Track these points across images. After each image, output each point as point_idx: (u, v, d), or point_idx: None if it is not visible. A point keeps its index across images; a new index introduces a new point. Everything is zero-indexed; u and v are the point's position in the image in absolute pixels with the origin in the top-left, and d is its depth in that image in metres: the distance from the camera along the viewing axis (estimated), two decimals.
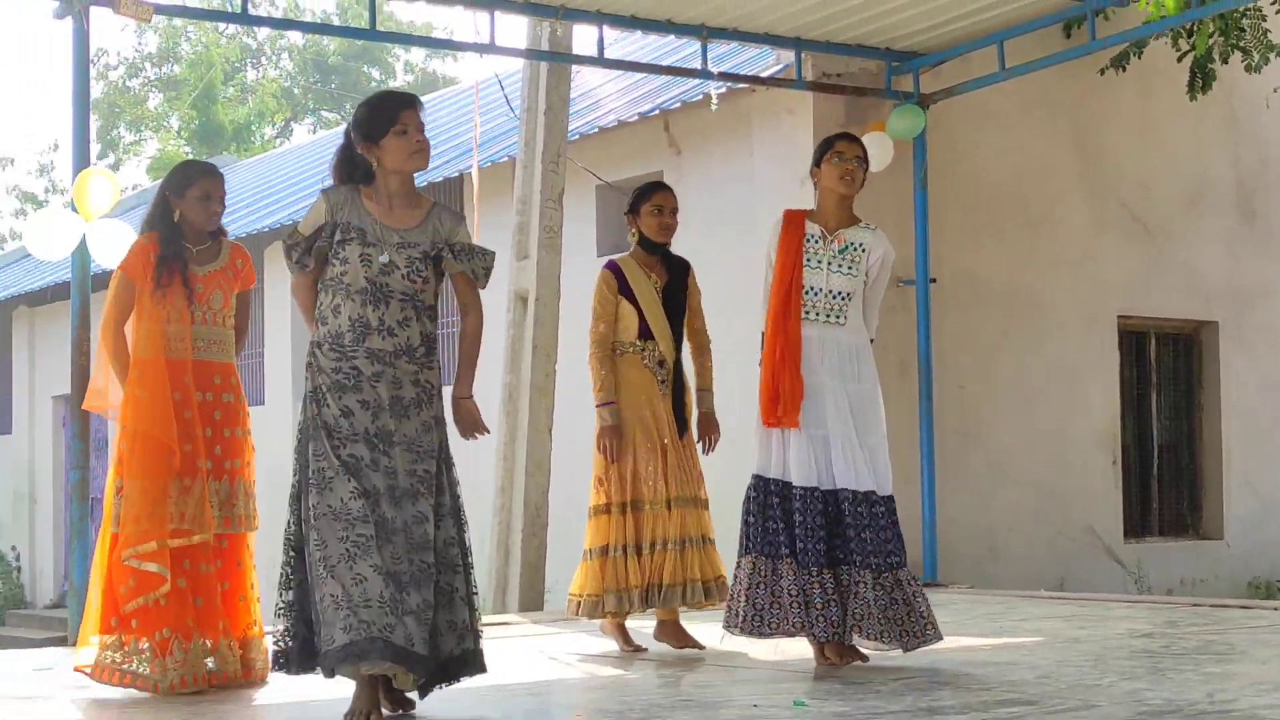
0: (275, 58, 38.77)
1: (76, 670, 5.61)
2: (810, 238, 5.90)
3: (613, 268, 6.64)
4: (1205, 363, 12.45)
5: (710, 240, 10.18)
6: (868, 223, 6.00)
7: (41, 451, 20.22)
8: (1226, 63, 11.20)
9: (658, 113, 11.61)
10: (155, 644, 5.46)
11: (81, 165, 7.36)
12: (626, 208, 6.76)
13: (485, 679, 4.99)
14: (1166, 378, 12.39)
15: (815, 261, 5.87)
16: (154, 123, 37.76)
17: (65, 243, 7.21)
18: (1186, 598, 10.57)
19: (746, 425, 6.10)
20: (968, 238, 10.96)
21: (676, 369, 6.65)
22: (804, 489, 5.71)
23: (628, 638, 6.65)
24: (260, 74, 38.72)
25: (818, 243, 5.89)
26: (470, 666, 4.84)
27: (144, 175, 35.80)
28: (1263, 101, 12.30)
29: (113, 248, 7.08)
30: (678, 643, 6.58)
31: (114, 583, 5.52)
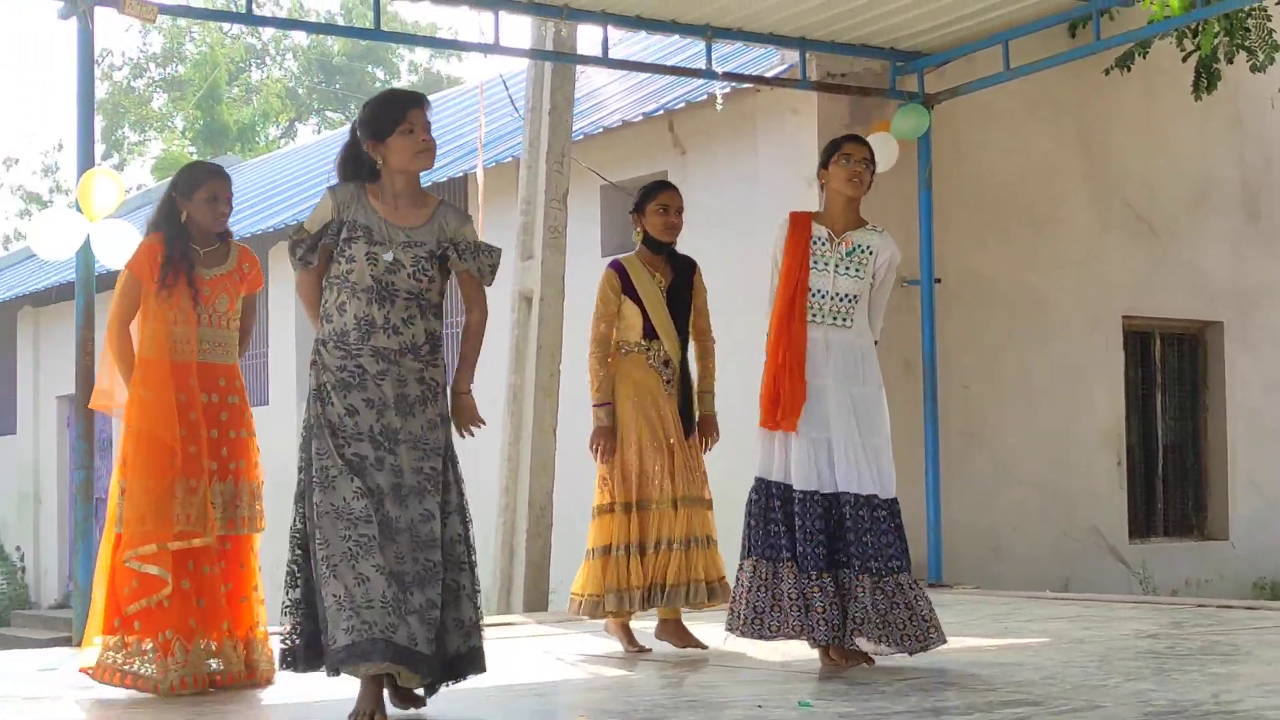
0: (280, 58, 38.81)
1: (80, 671, 5.61)
2: (817, 240, 5.88)
3: (616, 267, 6.63)
4: (1210, 363, 12.44)
5: (715, 240, 10.17)
6: (874, 225, 5.98)
7: (46, 451, 20.24)
8: (1231, 63, 11.19)
9: (662, 113, 11.60)
10: (158, 645, 5.46)
11: (86, 165, 7.36)
12: (632, 206, 6.75)
13: (490, 679, 5.00)
14: (1171, 378, 12.37)
15: (822, 264, 5.85)
16: (158, 123, 37.80)
17: (70, 243, 7.22)
18: (1191, 598, 10.55)
19: (746, 426, 6.09)
20: (972, 238, 10.95)
21: (683, 369, 6.63)
22: (804, 493, 5.71)
23: (632, 638, 6.64)
24: (265, 74, 38.75)
25: (825, 245, 5.88)
26: (475, 665, 4.84)
27: (148, 175, 35.83)
28: (1268, 101, 12.28)
29: (117, 248, 7.08)
30: (680, 642, 6.57)
31: (117, 584, 5.53)
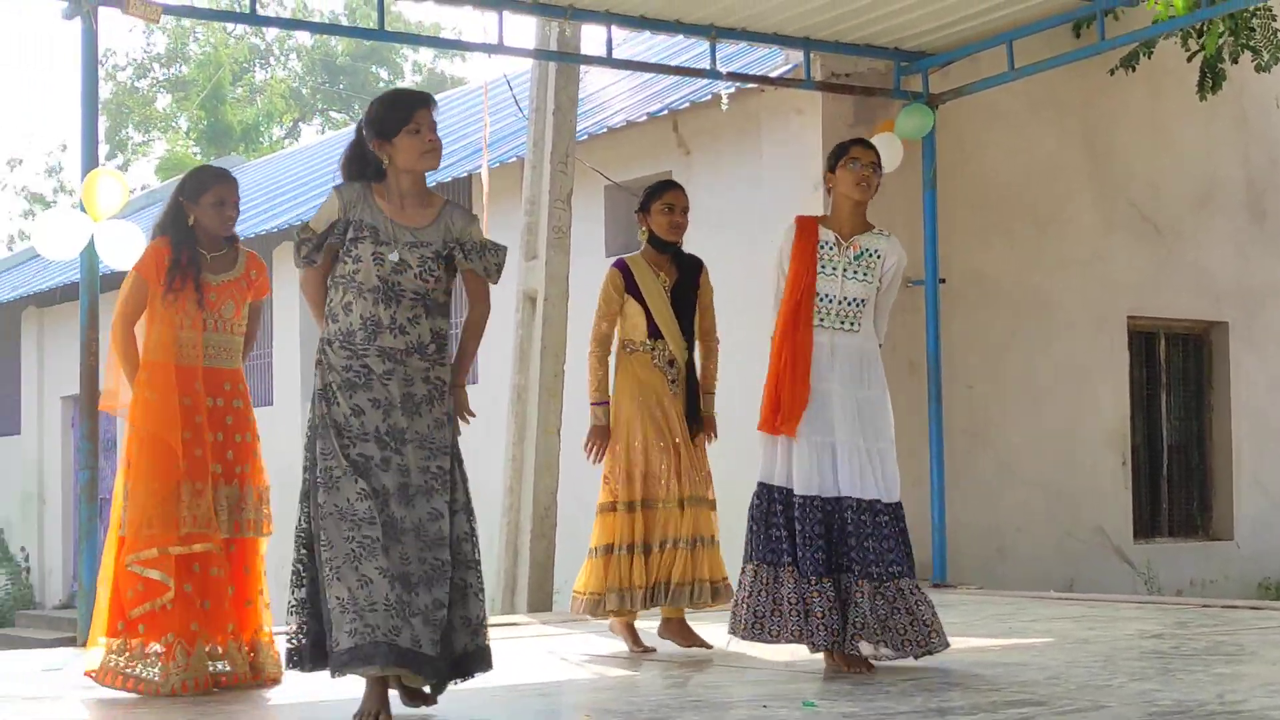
0: (283, 58, 38.83)
1: (85, 675, 5.61)
2: (825, 244, 5.87)
3: (620, 266, 6.63)
4: (1215, 363, 12.43)
5: (718, 240, 10.16)
6: (881, 229, 5.98)
7: (50, 452, 20.25)
8: (1236, 62, 11.18)
9: (666, 113, 11.60)
10: (162, 648, 5.46)
11: (90, 166, 7.36)
12: (638, 206, 6.75)
13: (494, 679, 5.00)
14: (1176, 378, 12.37)
15: (831, 268, 5.84)
16: (162, 123, 37.82)
17: (74, 243, 7.22)
18: (1196, 598, 10.54)
19: (747, 426, 6.09)
20: (976, 238, 10.94)
21: (689, 369, 6.62)
22: (804, 498, 5.70)
23: (637, 638, 6.64)
24: (268, 74, 38.77)
25: (833, 249, 5.87)
26: (483, 662, 4.84)
27: (152, 176, 35.84)
28: (1273, 101, 12.28)
29: (121, 248, 7.08)
30: (684, 641, 6.57)
31: (121, 587, 5.53)
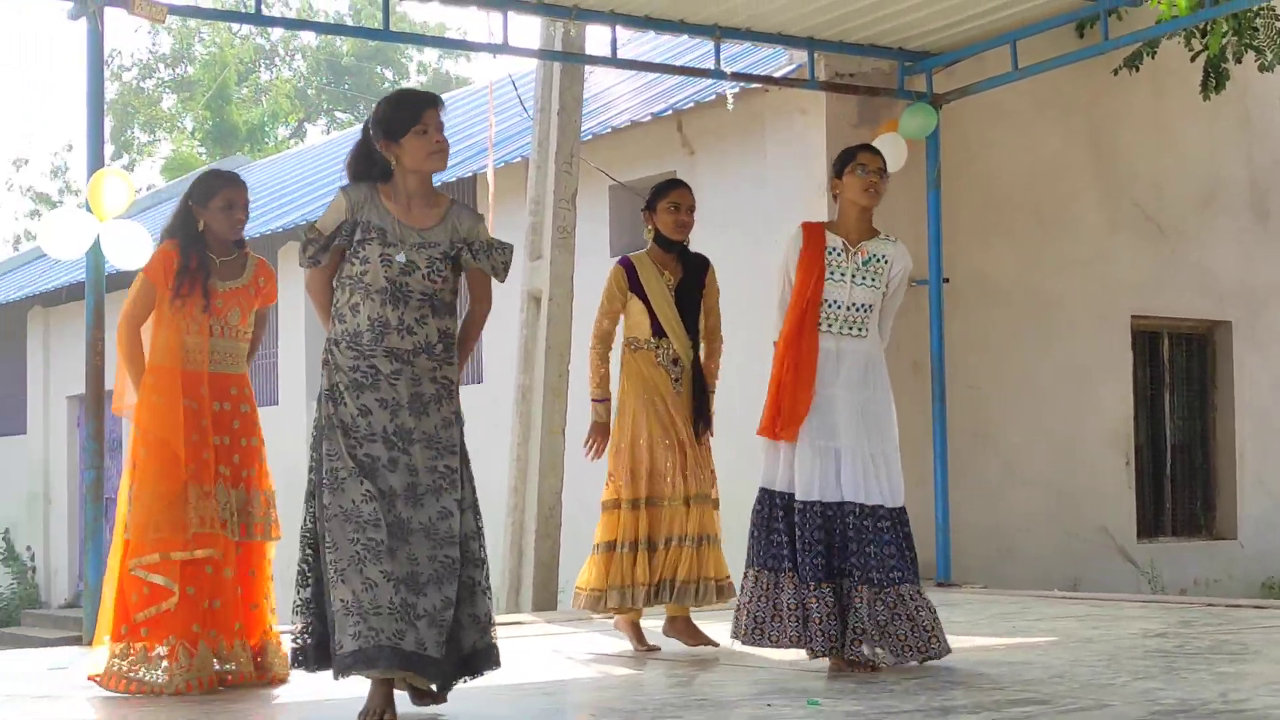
0: (289, 58, 38.87)
1: (89, 679, 5.62)
2: (832, 250, 5.88)
3: (625, 263, 6.64)
4: (1219, 363, 12.43)
5: (722, 240, 10.17)
6: (888, 234, 5.99)
7: (56, 451, 20.27)
8: (1240, 62, 11.18)
9: (671, 113, 11.61)
10: (165, 650, 5.47)
11: (96, 166, 7.37)
12: (644, 204, 6.76)
13: (499, 677, 5.01)
14: (1180, 378, 12.37)
15: (838, 274, 5.85)
16: (168, 123, 37.87)
17: (80, 243, 7.23)
18: (1200, 598, 10.55)
19: (748, 427, 6.10)
20: (980, 238, 10.95)
21: (694, 368, 6.62)
22: (804, 503, 5.71)
23: (641, 637, 6.65)
24: (274, 75, 38.82)
25: (840, 255, 5.88)
26: (491, 660, 4.85)
27: (158, 176, 35.91)
28: (1276, 101, 12.28)
29: (127, 248, 7.11)
30: (690, 640, 6.57)
31: (125, 590, 5.54)
